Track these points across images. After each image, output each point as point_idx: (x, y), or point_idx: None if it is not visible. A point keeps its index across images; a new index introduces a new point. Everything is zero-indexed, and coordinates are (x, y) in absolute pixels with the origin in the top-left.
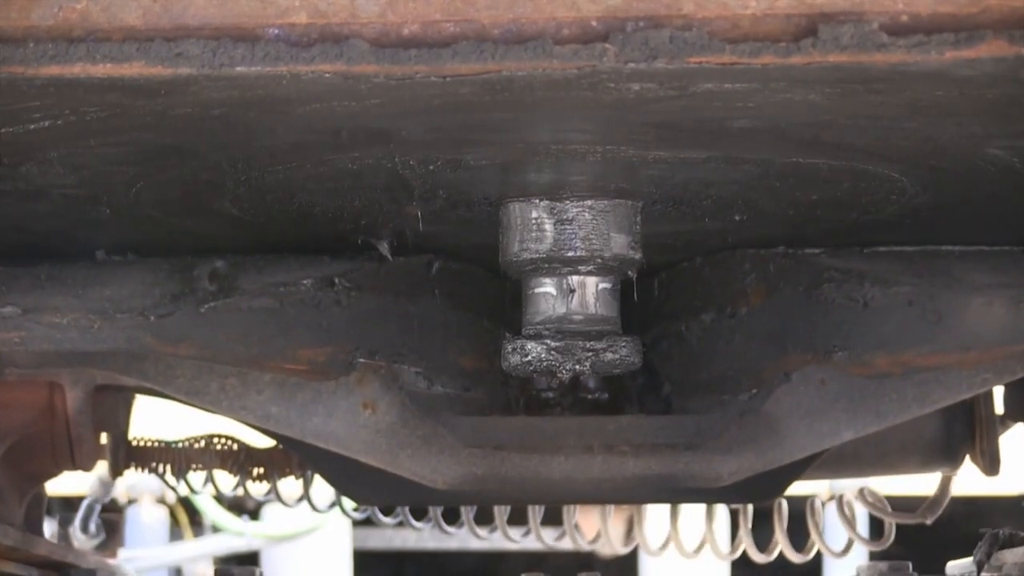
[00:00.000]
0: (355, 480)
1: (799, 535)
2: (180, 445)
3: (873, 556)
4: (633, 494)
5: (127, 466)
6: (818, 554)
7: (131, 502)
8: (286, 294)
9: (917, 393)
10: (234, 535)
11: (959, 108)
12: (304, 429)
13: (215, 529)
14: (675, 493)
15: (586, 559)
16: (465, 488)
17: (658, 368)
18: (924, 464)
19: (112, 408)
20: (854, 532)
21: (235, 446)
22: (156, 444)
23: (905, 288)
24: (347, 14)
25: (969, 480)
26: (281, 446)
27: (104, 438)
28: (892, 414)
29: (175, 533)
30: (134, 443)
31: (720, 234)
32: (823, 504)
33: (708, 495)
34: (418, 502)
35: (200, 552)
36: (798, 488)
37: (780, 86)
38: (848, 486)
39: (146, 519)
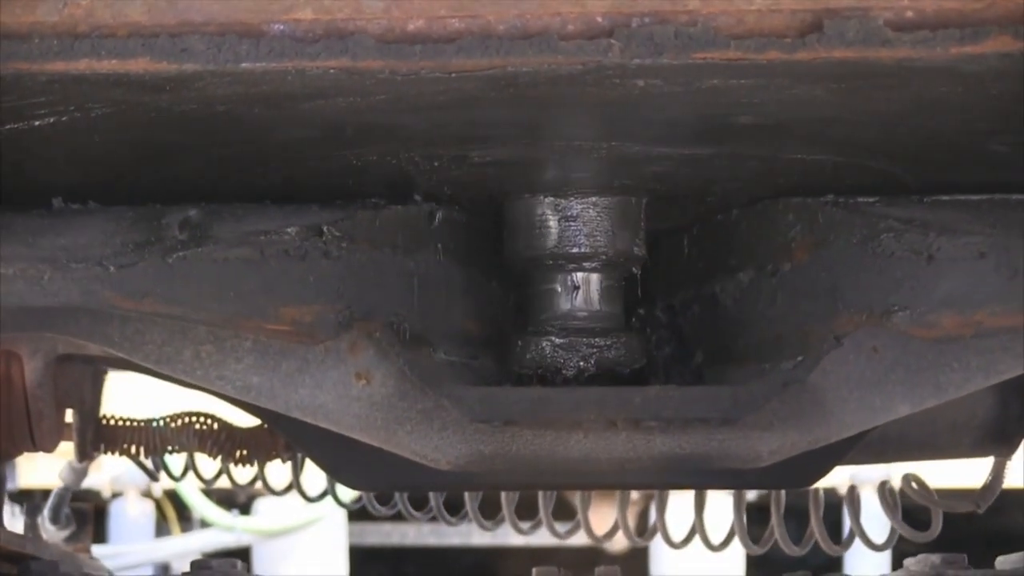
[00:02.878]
0: (348, 461)
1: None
2: (156, 424)
3: (897, 551)
4: (661, 476)
5: (96, 448)
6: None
7: (116, 495)
8: (267, 243)
9: (982, 362)
10: (224, 530)
11: (964, 104)
12: (289, 402)
13: (204, 524)
14: (708, 475)
15: (593, 555)
16: (471, 468)
17: (688, 335)
18: (976, 447)
19: (78, 382)
20: (898, 522)
21: (215, 425)
22: (128, 423)
23: (976, 238)
24: (352, 10)
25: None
26: (266, 426)
27: (70, 416)
28: (954, 385)
29: (162, 528)
30: (104, 422)
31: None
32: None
33: (743, 478)
34: (418, 486)
35: (188, 548)
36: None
37: (785, 82)
38: (873, 474)
39: (131, 513)
